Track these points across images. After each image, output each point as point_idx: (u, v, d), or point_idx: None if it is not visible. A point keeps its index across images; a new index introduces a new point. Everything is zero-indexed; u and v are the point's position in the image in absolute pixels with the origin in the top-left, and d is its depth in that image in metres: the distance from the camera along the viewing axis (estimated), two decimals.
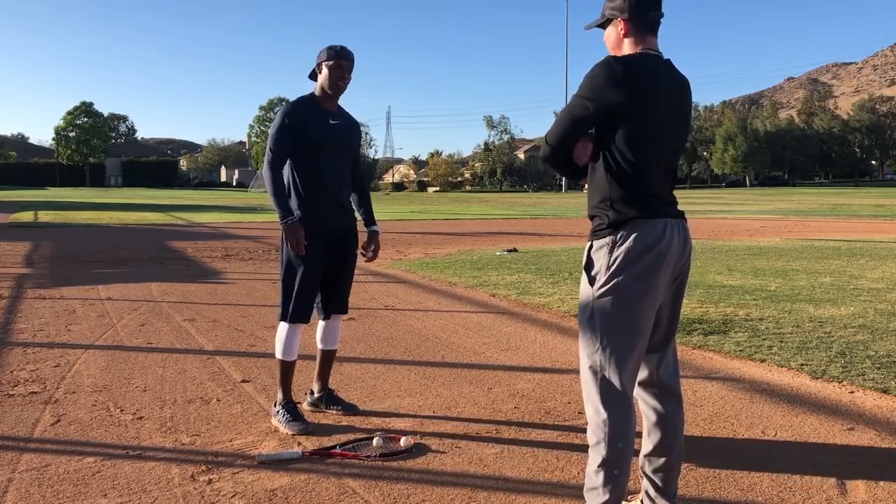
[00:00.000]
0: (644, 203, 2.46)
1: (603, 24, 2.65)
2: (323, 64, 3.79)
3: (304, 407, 4.03)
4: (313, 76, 3.89)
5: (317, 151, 3.77)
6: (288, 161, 3.79)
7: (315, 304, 3.93)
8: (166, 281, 9.08)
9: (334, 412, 3.98)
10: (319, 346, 4.04)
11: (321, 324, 4.01)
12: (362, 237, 4.01)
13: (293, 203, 3.78)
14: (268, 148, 3.78)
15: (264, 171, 3.76)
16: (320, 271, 3.83)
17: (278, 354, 3.83)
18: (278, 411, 3.77)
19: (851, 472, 3.20)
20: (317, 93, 3.86)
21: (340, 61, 3.77)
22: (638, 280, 2.43)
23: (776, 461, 3.32)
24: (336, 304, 3.98)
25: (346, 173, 3.94)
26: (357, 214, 4.06)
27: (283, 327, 3.83)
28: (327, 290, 3.93)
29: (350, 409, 3.98)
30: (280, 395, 3.81)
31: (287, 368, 3.83)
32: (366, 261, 4.10)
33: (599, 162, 2.51)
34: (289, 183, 3.80)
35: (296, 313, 3.78)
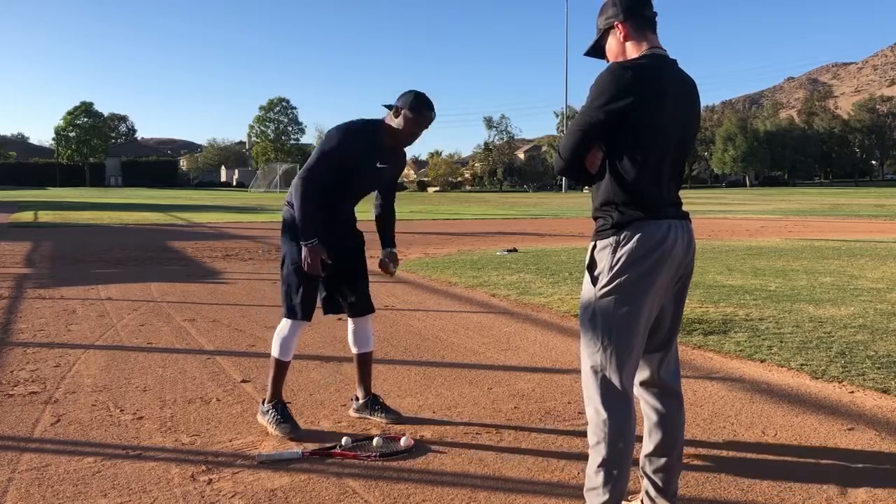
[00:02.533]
0: (648, 204, 2.46)
1: (600, 42, 2.64)
2: (402, 112, 3.60)
3: (351, 413, 3.94)
4: (390, 107, 3.70)
5: (348, 185, 3.69)
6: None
7: (341, 305, 3.88)
8: (166, 281, 9.08)
9: (378, 419, 3.87)
10: (353, 350, 3.96)
11: (350, 327, 3.94)
12: (376, 253, 3.93)
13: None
14: (310, 164, 3.62)
15: (299, 185, 3.60)
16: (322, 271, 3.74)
17: (275, 353, 3.73)
18: (268, 410, 3.68)
19: (852, 472, 3.20)
20: (385, 123, 3.68)
21: (421, 121, 3.62)
22: (641, 280, 2.43)
23: (776, 461, 3.32)
24: (361, 304, 3.89)
25: (358, 200, 3.90)
26: (379, 236, 4.02)
27: (285, 325, 3.72)
28: (348, 291, 3.86)
29: (394, 418, 3.87)
30: (270, 392, 3.72)
31: (281, 368, 3.74)
32: (388, 272, 4.01)
33: (605, 163, 2.51)
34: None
35: (305, 310, 3.67)
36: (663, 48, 2.56)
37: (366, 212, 4.04)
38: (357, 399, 3.99)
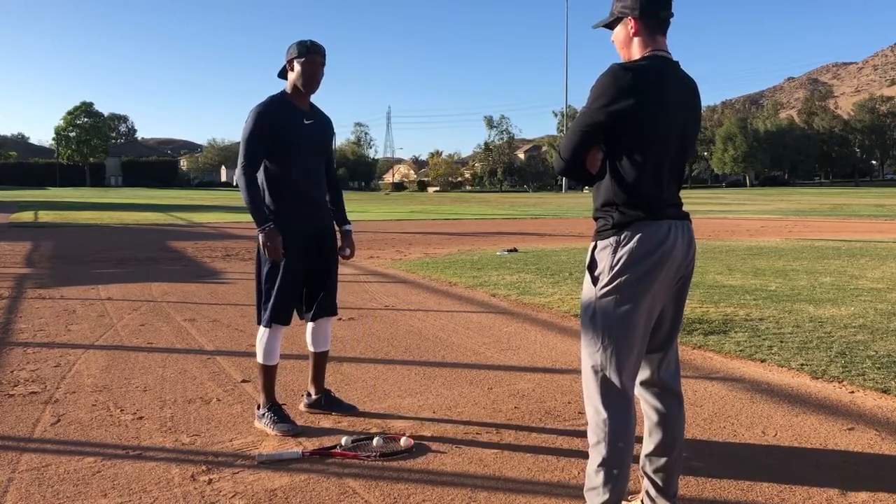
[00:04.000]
0: (649, 205, 2.46)
1: (611, 24, 2.64)
2: (294, 61, 3.69)
3: (301, 408, 4.00)
4: (283, 75, 3.79)
5: (292, 154, 3.70)
6: (262, 163, 3.73)
7: (301, 306, 3.89)
8: (166, 281, 9.08)
9: (334, 414, 3.94)
10: (311, 349, 3.98)
11: (309, 326, 3.95)
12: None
13: (269, 205, 3.72)
14: (241, 153, 3.68)
15: (238, 177, 3.68)
16: (301, 273, 3.76)
17: (260, 359, 3.77)
18: (264, 414, 3.71)
19: (852, 472, 3.20)
20: (288, 90, 3.77)
21: (313, 57, 3.68)
22: (641, 281, 2.43)
23: (776, 461, 3.32)
24: (325, 306, 3.90)
25: (321, 173, 3.88)
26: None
27: (263, 332, 3.75)
28: (315, 292, 3.87)
29: (348, 411, 3.94)
30: (263, 398, 3.76)
31: (269, 372, 3.77)
32: (344, 258, 4.03)
33: (605, 164, 2.52)
34: (263, 184, 3.74)
35: (275, 317, 3.70)
36: (668, 51, 2.56)
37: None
38: (309, 395, 4.02)
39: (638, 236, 2.43)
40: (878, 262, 10.72)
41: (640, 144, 2.44)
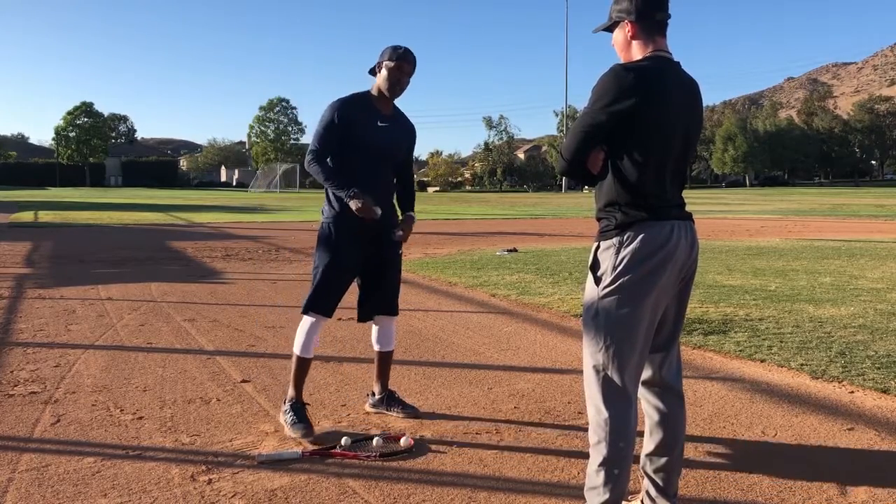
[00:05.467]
0: (652, 205, 2.46)
1: (610, 28, 2.65)
2: (384, 64, 3.73)
3: (366, 408, 4.01)
4: (373, 72, 3.83)
5: (360, 153, 3.72)
6: (331, 153, 3.76)
7: (363, 305, 3.92)
8: (166, 281, 9.08)
9: (394, 415, 3.92)
10: (375, 347, 4.01)
11: (375, 326, 3.98)
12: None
13: (331, 198, 3.76)
14: (312, 143, 3.74)
15: (307, 165, 3.72)
16: (352, 269, 3.78)
17: (296, 350, 3.77)
18: (287, 410, 3.71)
19: (851, 472, 3.20)
20: (373, 92, 3.81)
21: (402, 64, 3.71)
22: (644, 281, 2.43)
23: (776, 461, 3.32)
24: (384, 305, 3.91)
25: (387, 176, 3.88)
26: (396, 204, 3.98)
27: (304, 322, 3.77)
28: (372, 291, 3.88)
29: (411, 412, 3.92)
30: (291, 392, 3.74)
31: (303, 365, 3.77)
32: (395, 238, 3.86)
33: (608, 164, 2.52)
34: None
35: (313, 304, 3.72)
36: (669, 51, 2.57)
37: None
38: (373, 395, 4.03)
39: (641, 237, 2.44)
40: (878, 262, 10.72)
41: (642, 145, 2.44)
